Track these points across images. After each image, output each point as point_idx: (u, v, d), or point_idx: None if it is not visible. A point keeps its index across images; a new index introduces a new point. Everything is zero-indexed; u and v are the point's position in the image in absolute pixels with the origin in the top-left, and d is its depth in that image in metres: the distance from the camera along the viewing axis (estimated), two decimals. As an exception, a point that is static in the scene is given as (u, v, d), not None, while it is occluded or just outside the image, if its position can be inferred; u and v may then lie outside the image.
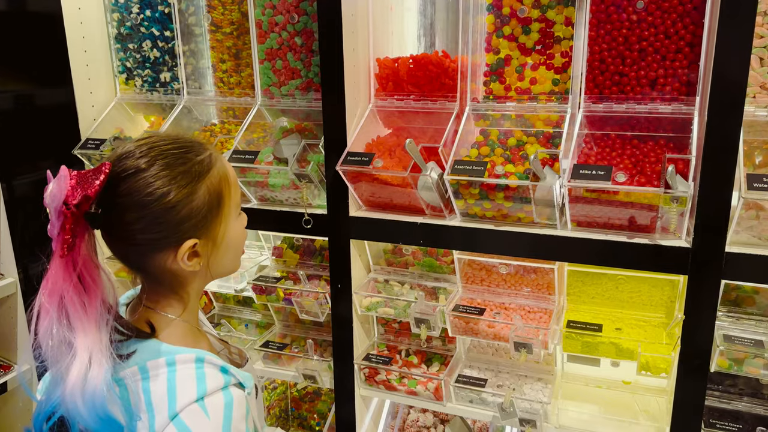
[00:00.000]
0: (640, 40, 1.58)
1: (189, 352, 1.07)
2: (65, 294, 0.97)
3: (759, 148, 1.59)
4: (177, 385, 1.02)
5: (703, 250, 1.47)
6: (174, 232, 1.05)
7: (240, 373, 1.11)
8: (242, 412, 1.06)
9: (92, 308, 0.99)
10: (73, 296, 0.97)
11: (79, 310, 0.98)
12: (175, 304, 1.14)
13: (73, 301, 0.97)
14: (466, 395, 1.92)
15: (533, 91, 1.76)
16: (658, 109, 1.60)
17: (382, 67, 1.94)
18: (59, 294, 0.97)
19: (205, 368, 1.05)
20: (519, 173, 1.63)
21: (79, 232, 0.98)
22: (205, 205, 1.08)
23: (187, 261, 1.08)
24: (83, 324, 0.98)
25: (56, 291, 0.97)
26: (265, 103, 2.06)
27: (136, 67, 2.30)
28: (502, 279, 1.93)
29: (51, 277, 0.98)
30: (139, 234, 1.04)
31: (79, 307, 0.98)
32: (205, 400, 1.02)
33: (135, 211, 1.02)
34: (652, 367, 1.64)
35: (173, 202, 1.04)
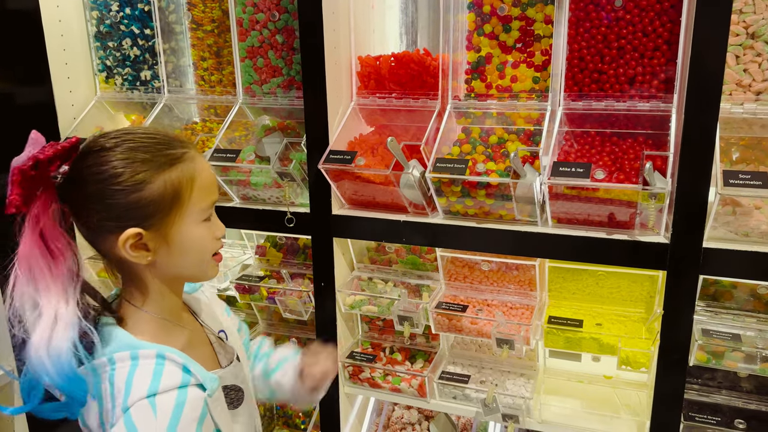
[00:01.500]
0: (618, 38, 1.60)
1: (152, 347, 1.08)
2: (32, 258, 1.02)
3: (735, 144, 1.61)
4: (134, 379, 1.03)
5: (681, 246, 1.49)
6: (118, 216, 1.06)
7: (202, 374, 1.09)
8: (195, 414, 1.05)
9: (58, 272, 1.03)
10: (39, 260, 1.02)
11: (45, 273, 1.02)
12: (137, 294, 1.15)
13: (39, 265, 1.02)
14: (449, 392, 1.93)
15: (514, 89, 1.77)
16: (637, 107, 1.61)
17: (364, 65, 1.93)
18: (27, 259, 1.02)
19: (165, 365, 1.06)
20: (500, 171, 1.63)
21: (45, 201, 1.03)
22: (158, 198, 1.07)
23: (130, 250, 1.08)
24: (48, 285, 1.02)
25: (25, 257, 1.02)
26: (247, 101, 2.06)
27: (116, 65, 2.28)
28: (484, 276, 1.94)
29: (21, 246, 1.02)
30: (89, 212, 1.07)
31: (46, 270, 1.02)
32: (156, 398, 1.02)
33: (88, 186, 1.05)
34: (632, 361, 1.66)
35: (124, 184, 1.05)
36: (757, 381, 1.74)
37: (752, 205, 1.48)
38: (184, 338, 1.20)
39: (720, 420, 1.67)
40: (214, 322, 1.35)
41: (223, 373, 1.20)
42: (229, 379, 1.23)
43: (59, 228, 1.05)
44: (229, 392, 1.21)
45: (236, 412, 1.22)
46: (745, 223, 1.48)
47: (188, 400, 1.05)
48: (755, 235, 1.49)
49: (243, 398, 1.25)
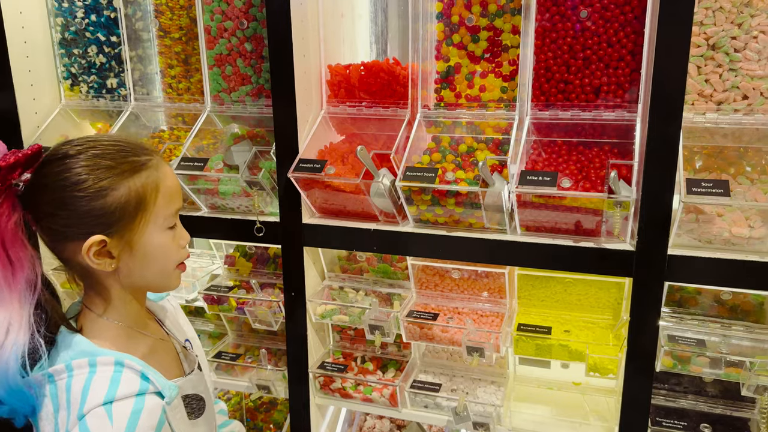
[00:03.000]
0: (584, 48, 1.62)
1: (110, 354, 1.07)
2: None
3: (698, 153, 1.64)
4: (91, 386, 1.02)
5: (647, 253, 1.51)
6: (81, 222, 1.06)
7: (161, 382, 1.09)
8: (152, 422, 1.05)
9: (15, 282, 1.01)
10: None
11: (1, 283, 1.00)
12: (98, 302, 1.14)
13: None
14: (421, 400, 1.93)
15: (483, 99, 1.78)
16: (602, 116, 1.64)
17: (334, 73, 1.93)
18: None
19: (123, 372, 1.05)
20: (469, 179, 1.64)
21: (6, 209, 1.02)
22: (121, 204, 1.07)
23: (93, 258, 1.07)
24: (3, 295, 1.00)
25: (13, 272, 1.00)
26: (215, 109, 2.04)
27: (82, 72, 2.24)
28: (455, 284, 1.94)
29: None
30: (51, 219, 1.06)
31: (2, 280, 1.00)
32: (112, 405, 1.01)
33: (51, 193, 1.05)
34: (600, 368, 1.67)
35: (87, 191, 1.05)
36: (722, 385, 1.77)
37: (714, 213, 1.51)
38: (147, 346, 1.19)
39: (686, 425, 1.69)
40: (179, 331, 1.33)
41: (183, 382, 1.19)
42: (190, 388, 1.21)
43: (20, 236, 1.04)
44: (189, 401, 1.19)
45: (196, 422, 1.20)
46: (708, 230, 1.51)
47: (145, 408, 1.04)
48: (718, 242, 1.53)
49: (204, 408, 1.23)
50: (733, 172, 1.59)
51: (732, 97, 1.53)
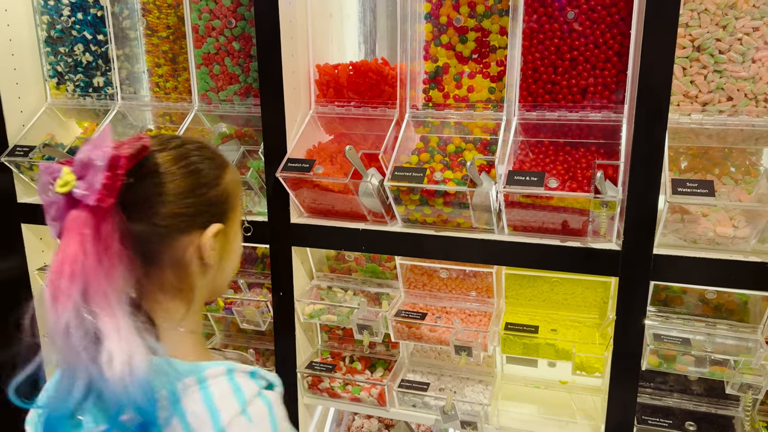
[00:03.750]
0: (571, 49, 1.63)
1: (217, 365, 1.00)
2: (91, 276, 0.88)
3: (684, 153, 1.66)
4: (215, 401, 0.95)
5: (632, 253, 1.52)
6: (202, 211, 1.01)
7: (267, 374, 1.05)
8: (283, 411, 1.02)
9: (116, 292, 0.91)
10: (101, 279, 0.89)
11: (107, 294, 0.89)
12: (181, 308, 1.05)
13: (100, 285, 0.88)
14: (409, 400, 1.93)
15: (471, 99, 1.79)
16: (589, 117, 1.65)
17: (322, 73, 1.93)
18: (83, 277, 0.88)
19: (237, 378, 0.99)
20: (457, 179, 1.65)
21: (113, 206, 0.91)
22: (228, 194, 1.06)
23: (209, 249, 1.02)
24: (112, 309, 0.89)
25: (78, 273, 0.87)
26: (203, 108, 2.03)
27: (68, 71, 2.22)
28: (443, 283, 1.95)
29: (71, 258, 0.88)
30: (166, 209, 0.97)
31: (107, 290, 0.89)
32: (248, 410, 0.96)
33: (167, 181, 0.97)
34: (586, 366, 1.69)
35: (205, 179, 1.02)
36: (707, 384, 1.79)
37: (699, 213, 1.52)
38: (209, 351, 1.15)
39: (672, 423, 1.71)
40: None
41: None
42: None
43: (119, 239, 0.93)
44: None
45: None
46: (693, 230, 1.53)
47: (273, 401, 1.01)
48: (703, 241, 1.54)
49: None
50: (718, 173, 1.60)
51: (717, 99, 1.55)
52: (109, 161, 0.90)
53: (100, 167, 0.89)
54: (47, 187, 0.91)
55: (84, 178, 0.90)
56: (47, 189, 0.91)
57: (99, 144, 0.91)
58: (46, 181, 0.91)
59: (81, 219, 0.89)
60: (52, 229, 0.93)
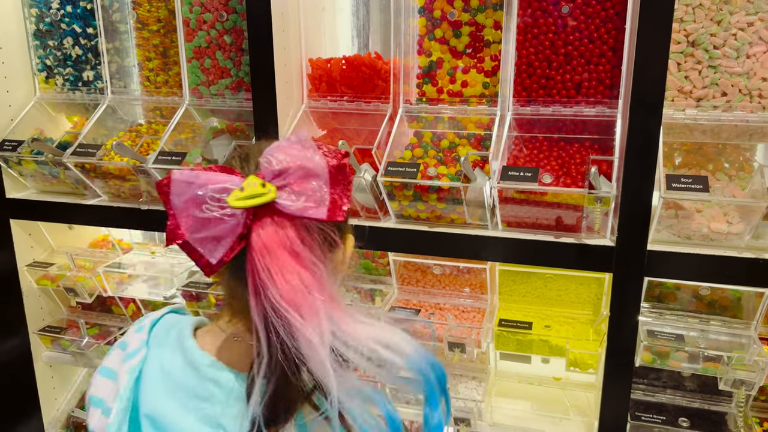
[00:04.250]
0: (565, 44, 1.62)
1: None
2: (324, 286, 0.83)
3: (678, 149, 1.65)
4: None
5: (626, 249, 1.52)
6: (346, 221, 0.95)
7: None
8: None
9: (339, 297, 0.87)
10: (330, 286, 0.84)
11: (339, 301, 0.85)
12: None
13: (333, 293, 0.84)
14: (402, 396, 1.92)
15: (464, 94, 1.77)
16: (583, 112, 1.64)
17: (315, 67, 1.91)
18: (320, 289, 0.82)
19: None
20: (451, 175, 1.64)
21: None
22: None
23: (348, 256, 0.98)
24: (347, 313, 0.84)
25: (314, 286, 0.81)
26: (194, 102, 2.01)
27: (57, 65, 2.19)
28: (437, 279, 1.94)
29: (296, 274, 0.81)
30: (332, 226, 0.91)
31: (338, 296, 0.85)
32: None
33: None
34: (580, 363, 1.68)
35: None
36: (700, 380, 1.79)
37: (693, 209, 1.52)
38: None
39: (665, 419, 1.71)
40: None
41: None
42: None
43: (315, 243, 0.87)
44: None
45: None
46: (687, 226, 1.52)
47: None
48: (697, 237, 1.54)
49: None
50: (712, 169, 1.60)
51: (711, 94, 1.54)
52: (334, 170, 0.83)
53: (323, 176, 0.83)
54: (204, 201, 0.81)
55: (287, 188, 0.82)
56: (203, 203, 0.81)
57: (304, 151, 0.84)
58: (203, 194, 0.81)
59: (287, 233, 0.82)
60: (211, 248, 0.83)
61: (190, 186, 0.82)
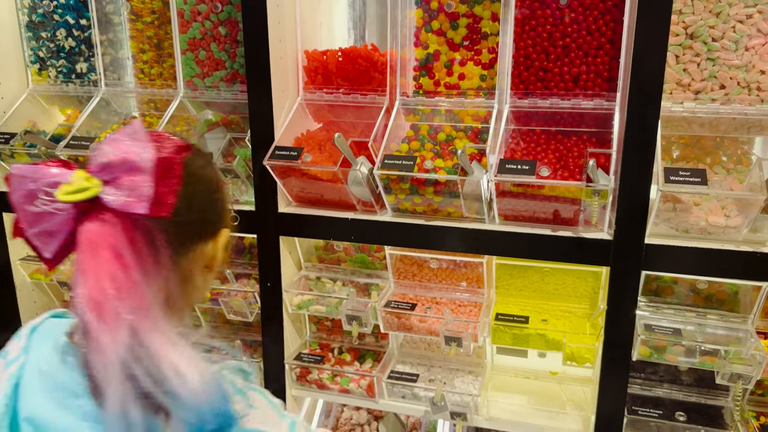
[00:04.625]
0: (563, 36, 1.61)
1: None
2: (137, 292, 0.79)
3: (676, 142, 1.64)
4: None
5: (624, 242, 1.51)
6: (217, 218, 0.96)
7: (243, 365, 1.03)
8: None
9: (159, 306, 0.83)
10: (146, 294, 0.80)
11: (154, 309, 0.81)
12: (181, 318, 0.99)
13: (146, 301, 0.80)
14: (398, 391, 1.92)
15: (462, 87, 1.76)
16: (581, 105, 1.63)
17: (311, 59, 1.90)
18: (129, 294, 0.78)
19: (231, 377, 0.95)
20: (448, 168, 1.63)
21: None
22: (228, 199, 1.01)
23: (219, 256, 0.97)
24: (160, 325, 0.81)
25: (124, 290, 0.78)
26: (188, 95, 1.99)
27: (50, 57, 2.17)
28: (433, 273, 1.93)
29: (110, 275, 0.77)
30: (196, 215, 0.91)
31: (153, 304, 0.81)
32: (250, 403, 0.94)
33: (197, 185, 0.91)
34: (577, 357, 1.67)
35: (217, 183, 0.97)
36: (697, 374, 1.79)
37: (692, 202, 1.51)
38: None
39: (662, 413, 1.70)
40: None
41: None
42: None
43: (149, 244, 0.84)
44: None
45: None
46: (685, 219, 1.51)
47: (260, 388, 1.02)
48: (695, 231, 1.53)
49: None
50: (710, 162, 1.59)
51: (709, 87, 1.53)
52: (160, 163, 0.81)
53: (147, 170, 0.80)
54: (36, 195, 0.80)
55: (114, 182, 0.80)
56: (34, 197, 0.80)
57: (131, 143, 0.82)
58: (35, 188, 0.80)
59: (111, 230, 0.79)
60: (45, 243, 0.81)
61: (24, 180, 0.80)
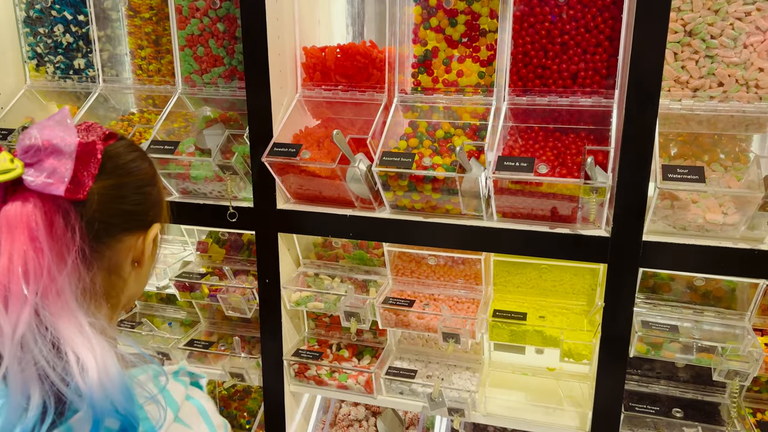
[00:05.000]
0: (561, 33, 1.61)
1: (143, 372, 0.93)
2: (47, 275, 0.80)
3: (674, 140, 1.65)
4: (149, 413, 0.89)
5: (622, 239, 1.51)
6: (147, 210, 0.97)
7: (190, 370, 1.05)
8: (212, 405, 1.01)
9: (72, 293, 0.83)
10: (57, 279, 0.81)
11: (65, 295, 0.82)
12: (108, 313, 0.98)
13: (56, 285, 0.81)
14: (396, 387, 1.92)
15: (460, 84, 1.76)
16: (579, 102, 1.63)
17: (309, 56, 1.89)
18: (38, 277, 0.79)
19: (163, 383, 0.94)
20: (446, 165, 1.63)
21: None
22: (162, 194, 1.03)
23: (148, 250, 0.99)
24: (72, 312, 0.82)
25: (33, 273, 0.79)
26: (187, 91, 1.98)
27: (48, 52, 2.16)
28: (431, 270, 1.93)
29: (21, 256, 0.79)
30: (122, 205, 0.92)
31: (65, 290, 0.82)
32: (179, 416, 0.94)
33: (124, 175, 0.93)
34: (574, 353, 1.68)
35: (149, 176, 0.98)
36: (693, 371, 1.80)
37: (689, 199, 1.51)
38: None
39: (659, 409, 1.71)
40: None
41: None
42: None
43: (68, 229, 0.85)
44: None
45: None
46: (683, 216, 1.52)
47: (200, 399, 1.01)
48: (692, 228, 1.53)
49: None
50: (707, 159, 1.59)
51: (708, 84, 1.53)
52: (82, 148, 0.84)
53: (68, 154, 0.83)
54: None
55: (37, 165, 0.82)
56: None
57: (57, 128, 0.84)
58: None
59: (29, 211, 0.80)
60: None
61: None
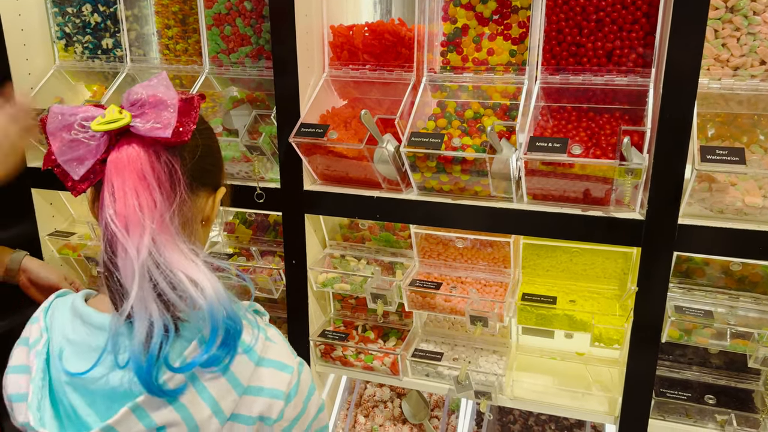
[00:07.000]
0: (597, 10, 1.56)
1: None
2: (160, 209, 0.91)
3: (712, 120, 1.60)
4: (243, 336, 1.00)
5: (657, 223, 1.48)
6: (216, 173, 1.08)
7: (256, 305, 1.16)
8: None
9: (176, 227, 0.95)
10: (167, 212, 0.92)
11: (173, 228, 0.93)
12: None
13: (166, 218, 0.92)
14: (422, 369, 1.92)
15: (490, 62, 1.72)
16: (614, 81, 1.59)
17: (337, 35, 1.87)
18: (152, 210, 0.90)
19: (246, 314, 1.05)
20: (476, 146, 1.60)
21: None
22: (224, 166, 1.13)
23: (216, 209, 1.09)
24: (180, 243, 0.92)
25: (148, 206, 0.90)
26: (214, 71, 1.98)
27: (76, 32, 2.17)
28: (459, 253, 1.91)
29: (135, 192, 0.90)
30: (204, 162, 1.02)
31: (173, 223, 0.93)
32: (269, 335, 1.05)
33: (206, 137, 1.04)
34: (605, 338, 1.65)
35: (217, 144, 1.10)
36: (727, 357, 1.76)
37: (728, 182, 1.47)
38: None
39: (690, 396, 1.68)
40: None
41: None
42: None
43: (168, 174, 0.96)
44: None
45: None
46: (721, 199, 1.47)
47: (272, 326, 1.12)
48: (730, 211, 1.49)
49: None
50: (746, 141, 1.54)
51: (749, 63, 1.48)
52: (183, 102, 0.94)
53: (172, 105, 0.93)
54: (72, 126, 0.92)
55: (143, 116, 0.92)
56: (71, 128, 0.92)
57: (159, 86, 0.95)
58: (72, 121, 0.92)
59: (137, 154, 0.91)
60: (75, 168, 0.92)
61: (63, 115, 0.93)
